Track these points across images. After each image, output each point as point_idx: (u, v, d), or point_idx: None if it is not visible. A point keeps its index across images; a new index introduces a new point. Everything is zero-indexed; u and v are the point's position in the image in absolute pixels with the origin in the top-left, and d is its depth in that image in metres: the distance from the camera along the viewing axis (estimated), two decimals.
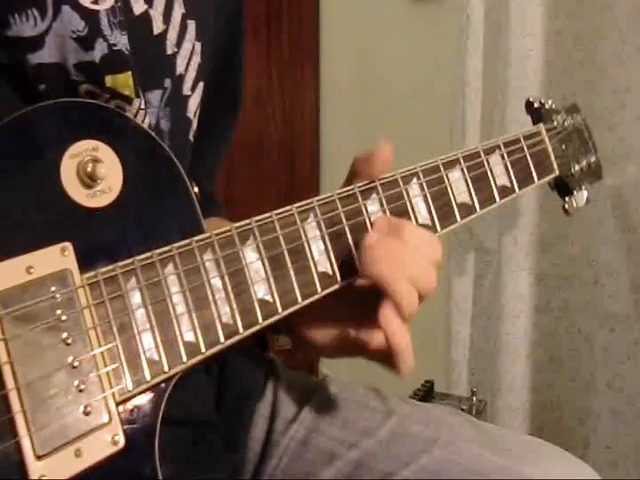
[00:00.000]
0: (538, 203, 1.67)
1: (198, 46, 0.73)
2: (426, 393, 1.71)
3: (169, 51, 0.69)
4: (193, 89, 0.74)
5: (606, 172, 1.51)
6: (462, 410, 1.62)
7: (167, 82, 0.69)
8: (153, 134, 0.60)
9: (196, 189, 0.61)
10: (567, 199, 0.94)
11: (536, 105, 0.93)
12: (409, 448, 0.79)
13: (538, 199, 1.66)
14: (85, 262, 0.53)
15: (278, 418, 0.86)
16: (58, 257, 0.51)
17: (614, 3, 1.49)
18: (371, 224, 0.69)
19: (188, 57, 0.72)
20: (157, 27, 0.67)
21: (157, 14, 0.67)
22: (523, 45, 1.60)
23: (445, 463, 0.77)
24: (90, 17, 0.60)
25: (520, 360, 1.75)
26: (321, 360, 2.16)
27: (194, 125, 0.76)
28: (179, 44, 0.70)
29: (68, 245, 0.52)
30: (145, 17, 0.66)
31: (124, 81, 0.63)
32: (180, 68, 0.71)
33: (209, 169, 0.93)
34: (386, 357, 0.67)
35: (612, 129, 1.52)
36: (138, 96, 0.65)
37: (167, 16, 0.68)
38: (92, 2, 0.61)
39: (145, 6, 0.66)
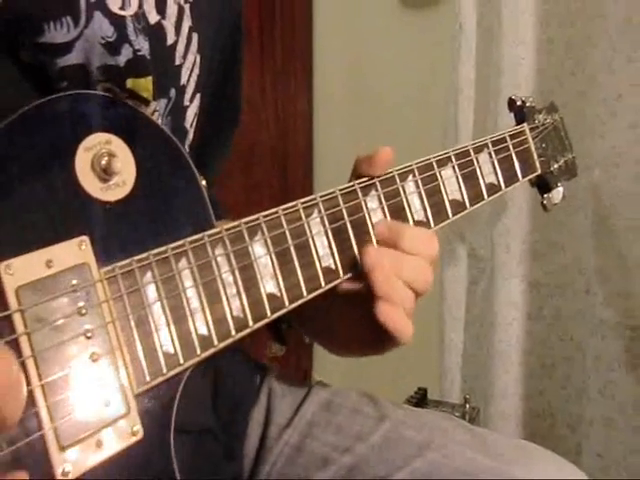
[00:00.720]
0: (530, 211, 1.68)
1: (198, 59, 0.74)
2: (419, 400, 1.71)
3: (177, 62, 0.70)
4: (191, 100, 0.74)
5: (597, 180, 1.53)
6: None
7: (172, 92, 0.70)
8: (165, 129, 0.61)
9: (204, 182, 0.62)
10: (545, 196, 0.97)
11: (518, 103, 0.96)
12: (402, 452, 0.80)
13: (530, 207, 1.67)
14: (100, 255, 0.53)
15: (272, 424, 0.87)
16: (76, 251, 0.52)
17: (605, 12, 1.50)
18: (371, 221, 0.71)
19: (190, 69, 0.72)
20: (170, 38, 0.68)
21: (170, 25, 0.68)
22: (515, 53, 1.61)
23: (438, 466, 0.78)
24: (118, 23, 0.61)
25: (512, 367, 1.75)
26: (314, 367, 2.16)
27: (190, 136, 0.76)
28: (185, 56, 0.71)
29: (85, 239, 0.53)
30: (159, 27, 0.67)
31: (145, 85, 0.64)
32: (183, 79, 0.72)
33: (211, 176, 0.94)
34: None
35: (603, 137, 1.53)
36: (155, 99, 0.66)
37: (178, 28, 0.69)
38: (119, 8, 0.61)
39: (158, 17, 0.67)
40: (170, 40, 0.68)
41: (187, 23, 0.71)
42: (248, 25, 2.15)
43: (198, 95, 0.75)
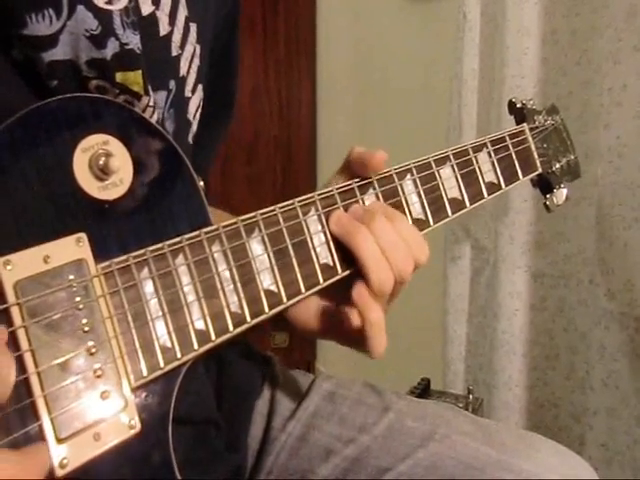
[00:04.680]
0: (534, 201, 1.67)
1: (198, 49, 0.74)
2: (422, 391, 1.71)
3: (174, 52, 0.70)
4: (193, 91, 0.74)
5: (602, 170, 1.52)
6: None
7: (172, 84, 0.70)
8: (160, 128, 0.62)
9: (201, 183, 0.63)
10: (548, 196, 0.98)
11: (518, 105, 0.97)
12: (405, 443, 0.80)
13: (534, 197, 1.67)
14: (98, 252, 0.54)
15: (276, 415, 0.87)
16: (74, 247, 0.53)
17: (610, 2, 1.49)
18: None
19: (190, 59, 0.72)
20: (163, 28, 0.68)
21: (163, 15, 0.68)
22: (519, 43, 1.61)
23: (441, 457, 0.78)
24: (103, 17, 0.61)
25: (516, 358, 1.76)
26: (317, 358, 2.16)
27: (194, 127, 0.77)
28: (182, 46, 0.71)
29: (83, 235, 0.53)
30: (152, 18, 0.67)
31: (134, 78, 0.64)
32: (183, 70, 0.72)
33: (202, 165, 0.94)
34: (359, 337, 0.68)
35: (608, 127, 1.52)
36: (147, 93, 0.66)
37: (172, 18, 0.69)
38: (106, 2, 0.62)
39: (152, 7, 0.67)
40: (164, 31, 0.68)
41: (183, 13, 0.71)
42: (251, 14, 2.15)
43: (200, 86, 0.75)
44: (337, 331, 0.72)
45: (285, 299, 0.64)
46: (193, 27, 0.72)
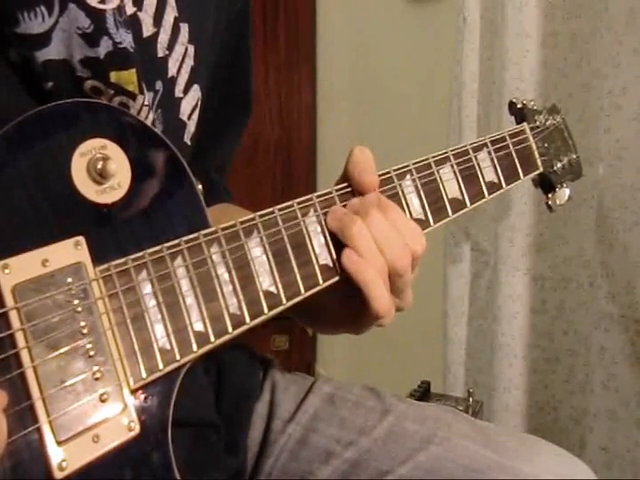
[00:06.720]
0: (534, 204, 1.67)
1: (191, 49, 0.74)
2: (422, 394, 1.71)
3: (160, 54, 0.70)
4: (186, 92, 0.74)
5: (602, 173, 1.52)
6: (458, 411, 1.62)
7: (158, 84, 0.70)
8: (158, 132, 0.62)
9: (200, 186, 0.63)
10: (550, 196, 0.98)
11: (519, 106, 0.97)
12: (405, 446, 0.80)
13: (534, 200, 1.67)
14: (97, 255, 0.54)
15: (275, 418, 0.87)
16: (72, 250, 0.53)
17: (610, 4, 1.49)
18: None
19: (180, 60, 0.72)
20: (147, 30, 0.68)
21: (147, 17, 0.68)
22: (519, 46, 1.61)
23: (441, 460, 0.78)
24: (96, 15, 0.62)
25: (516, 361, 1.75)
26: (317, 360, 2.16)
27: (190, 128, 0.76)
28: (171, 47, 0.71)
29: (81, 239, 0.54)
30: (135, 19, 0.67)
31: (128, 77, 0.65)
32: (172, 71, 0.72)
33: (219, 162, 0.95)
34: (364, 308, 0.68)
35: (608, 130, 1.52)
36: (142, 92, 0.66)
37: (158, 19, 0.69)
38: (99, 2, 0.62)
39: (134, 9, 0.67)
40: (147, 32, 0.68)
41: (172, 14, 0.71)
42: (251, 18, 2.15)
43: (196, 86, 0.75)
44: (349, 316, 0.72)
45: (284, 300, 0.64)
46: (184, 27, 0.72)
